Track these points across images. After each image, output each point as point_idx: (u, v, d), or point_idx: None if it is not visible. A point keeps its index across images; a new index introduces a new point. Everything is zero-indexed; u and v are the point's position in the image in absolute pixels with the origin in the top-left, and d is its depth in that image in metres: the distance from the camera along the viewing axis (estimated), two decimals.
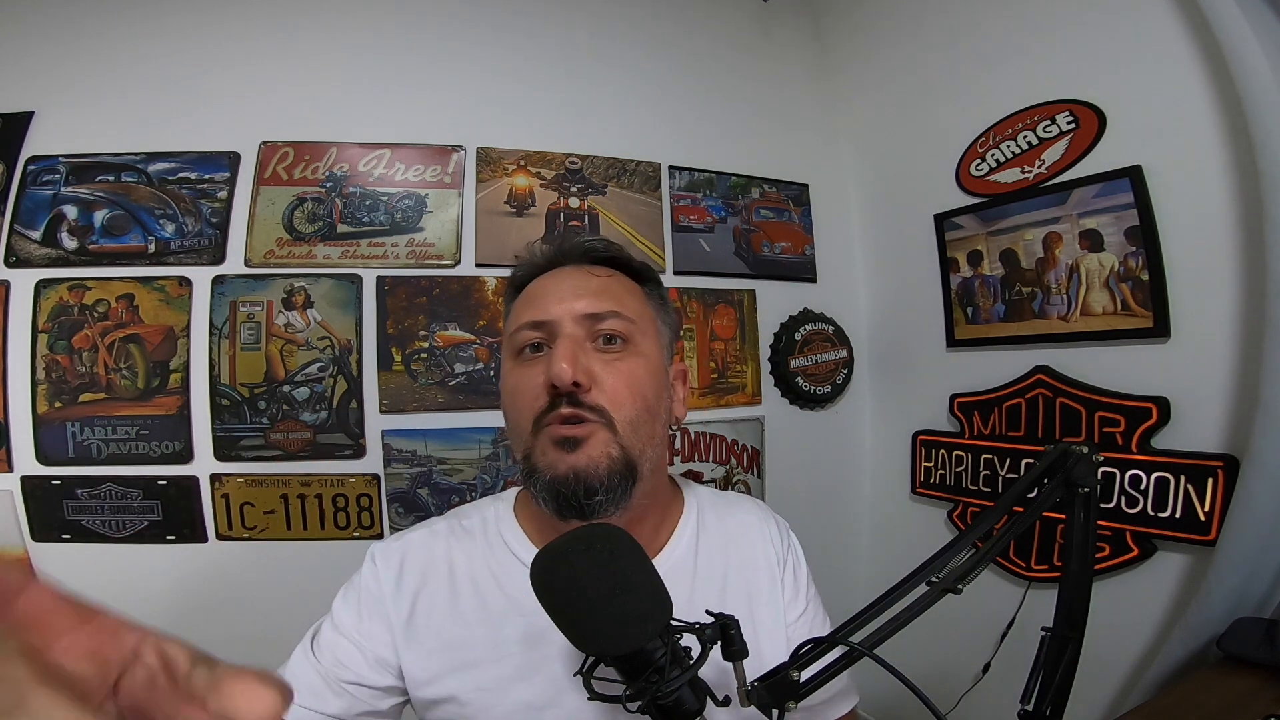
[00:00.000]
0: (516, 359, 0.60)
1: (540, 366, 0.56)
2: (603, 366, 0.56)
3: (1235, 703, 0.82)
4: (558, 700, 0.56)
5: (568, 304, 0.58)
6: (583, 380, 0.54)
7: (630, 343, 0.59)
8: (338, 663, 0.57)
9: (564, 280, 0.61)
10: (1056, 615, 0.64)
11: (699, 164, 1.79)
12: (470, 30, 1.67)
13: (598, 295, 0.59)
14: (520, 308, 0.62)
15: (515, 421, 0.58)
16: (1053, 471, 0.60)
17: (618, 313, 0.58)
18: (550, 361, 0.54)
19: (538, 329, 0.58)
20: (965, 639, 1.44)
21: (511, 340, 0.60)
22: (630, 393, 0.56)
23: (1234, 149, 1.05)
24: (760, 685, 0.47)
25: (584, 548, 0.42)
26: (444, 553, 0.63)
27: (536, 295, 0.61)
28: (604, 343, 0.58)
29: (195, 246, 1.46)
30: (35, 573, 0.23)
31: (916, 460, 1.71)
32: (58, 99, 1.44)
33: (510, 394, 0.59)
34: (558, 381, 0.53)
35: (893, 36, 1.77)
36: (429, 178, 1.59)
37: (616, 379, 0.56)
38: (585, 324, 0.57)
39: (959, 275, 1.58)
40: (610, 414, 0.55)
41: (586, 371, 0.55)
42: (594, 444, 0.54)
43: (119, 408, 1.40)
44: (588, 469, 0.53)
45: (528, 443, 0.56)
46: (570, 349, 0.55)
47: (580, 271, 0.61)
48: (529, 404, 0.56)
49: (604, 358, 0.57)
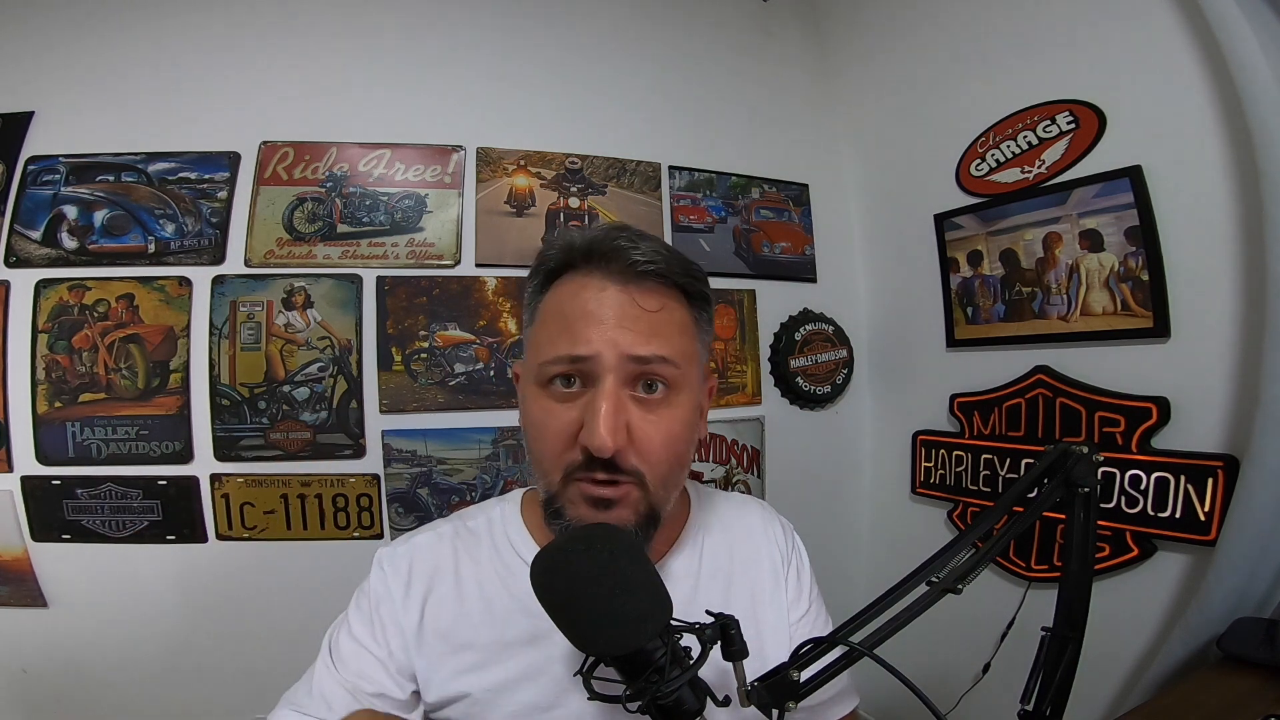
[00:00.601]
0: (544, 387, 0.54)
1: (574, 411, 0.52)
2: (640, 421, 0.52)
3: (1235, 703, 0.82)
4: (562, 701, 0.56)
5: (612, 339, 0.51)
6: (623, 444, 0.50)
7: (672, 389, 0.54)
8: (360, 674, 0.56)
9: (609, 305, 0.52)
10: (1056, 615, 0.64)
11: (699, 164, 1.79)
12: (470, 30, 1.67)
13: (648, 336, 0.52)
14: (552, 324, 0.54)
15: (539, 459, 0.54)
16: (1053, 471, 0.60)
17: (666, 359, 0.52)
18: (590, 423, 0.49)
19: (575, 364, 0.52)
20: (965, 639, 1.44)
21: (541, 369, 0.54)
22: (666, 451, 0.53)
23: (1234, 149, 1.05)
24: (760, 685, 0.47)
25: (584, 548, 0.42)
26: (450, 555, 0.62)
27: (573, 316, 0.53)
28: (644, 389, 0.53)
29: (195, 246, 1.46)
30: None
31: (916, 460, 1.71)
32: (58, 99, 1.45)
33: (537, 428, 0.54)
34: (598, 453, 0.49)
35: (893, 37, 1.77)
36: (429, 178, 1.59)
37: (654, 439, 0.52)
38: (630, 367, 0.52)
39: (959, 275, 1.58)
40: (644, 475, 0.52)
41: (625, 430, 0.50)
42: (625, 505, 0.52)
43: (119, 408, 1.40)
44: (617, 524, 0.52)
45: (554, 488, 0.53)
46: (613, 410, 0.49)
47: (626, 295, 0.53)
48: (559, 452, 0.52)
49: (642, 410, 0.52)
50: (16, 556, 1.36)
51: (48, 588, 1.38)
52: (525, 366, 0.57)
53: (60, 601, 1.39)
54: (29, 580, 1.37)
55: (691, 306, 0.58)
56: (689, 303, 0.57)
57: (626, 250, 0.53)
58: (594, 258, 0.54)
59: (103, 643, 1.39)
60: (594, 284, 0.53)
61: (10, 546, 1.36)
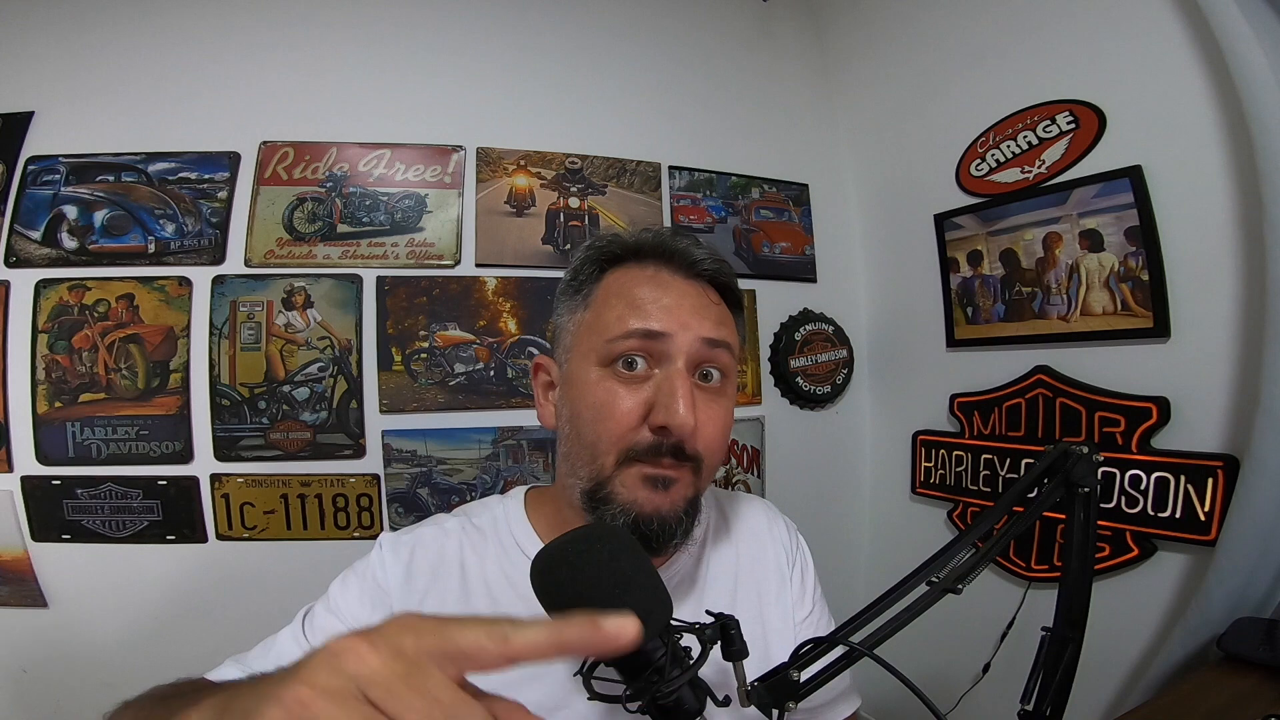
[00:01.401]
0: (607, 368, 0.54)
1: (644, 392, 0.52)
2: (704, 409, 0.53)
3: (1235, 703, 0.82)
4: (567, 701, 0.56)
5: (686, 322, 0.53)
6: (697, 426, 0.51)
7: (727, 379, 0.56)
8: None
9: (681, 295, 0.54)
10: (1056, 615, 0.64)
11: (699, 164, 1.79)
12: (470, 30, 1.67)
13: (717, 323, 0.55)
14: (619, 304, 0.55)
15: (596, 441, 0.53)
16: (1053, 471, 0.60)
17: (730, 346, 0.55)
18: (668, 402, 0.50)
19: (648, 339, 0.52)
20: (965, 639, 1.43)
21: (608, 345, 0.53)
22: (722, 440, 0.55)
23: (1234, 149, 1.05)
24: (760, 685, 0.47)
25: (584, 548, 0.42)
26: (455, 551, 0.62)
27: (643, 300, 0.54)
28: (701, 378, 0.54)
29: (195, 246, 1.46)
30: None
31: (916, 460, 1.71)
32: (58, 99, 1.44)
33: (599, 409, 0.53)
34: (679, 431, 0.50)
35: (893, 37, 1.77)
36: (429, 178, 1.58)
37: (715, 426, 0.54)
38: (702, 350, 0.53)
39: (959, 275, 1.58)
40: (702, 461, 0.54)
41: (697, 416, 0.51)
42: (680, 488, 0.53)
43: (119, 408, 1.40)
44: (671, 513, 0.53)
45: (606, 469, 0.53)
46: (690, 390, 0.51)
47: (695, 288, 0.56)
48: (622, 432, 0.52)
49: (705, 397, 0.54)
50: (16, 556, 1.36)
51: (48, 588, 1.38)
52: (578, 350, 0.57)
53: (60, 601, 1.39)
54: (29, 580, 1.37)
55: (734, 314, 0.61)
56: (730, 307, 0.61)
57: (691, 250, 0.57)
58: (658, 253, 0.57)
59: (103, 643, 1.39)
60: (663, 276, 0.56)
61: (10, 546, 1.36)
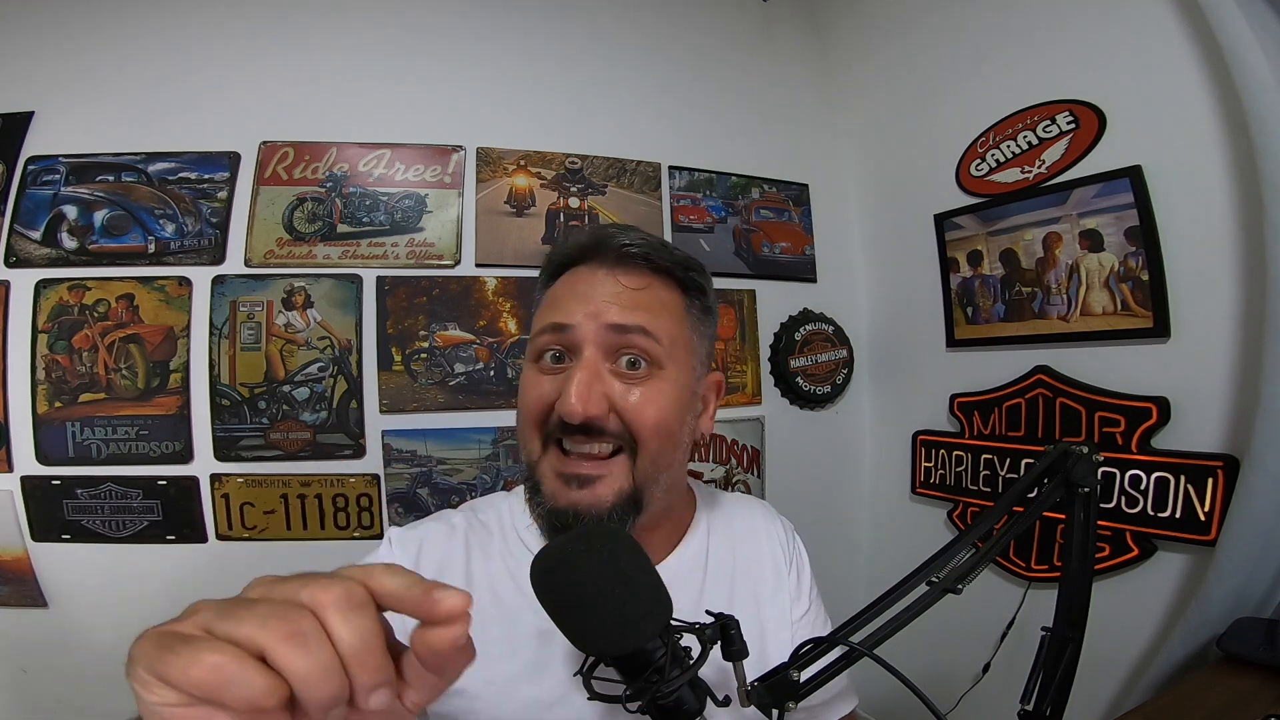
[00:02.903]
0: (536, 363, 0.58)
1: (556, 381, 0.54)
2: (623, 393, 0.54)
3: (1235, 703, 0.82)
4: (566, 698, 0.56)
5: (593, 312, 0.54)
6: (597, 412, 0.52)
7: (655, 366, 0.55)
8: None
9: (594, 285, 0.57)
10: (1056, 615, 0.64)
11: (699, 164, 1.79)
12: (470, 30, 1.67)
13: (628, 309, 0.55)
14: (546, 306, 0.60)
15: (522, 426, 0.58)
16: (1053, 471, 0.60)
17: (645, 330, 0.54)
18: (565, 389, 0.52)
19: (558, 333, 0.55)
20: (965, 639, 1.43)
21: (533, 342, 0.58)
22: (654, 422, 0.54)
23: (1234, 149, 1.05)
24: (760, 685, 0.47)
25: (584, 548, 0.42)
26: (461, 547, 0.62)
27: (562, 296, 0.58)
28: (627, 366, 0.55)
29: (195, 246, 1.46)
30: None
31: (916, 460, 1.71)
32: (58, 99, 1.44)
33: (521, 399, 0.58)
34: (567, 417, 0.51)
35: (893, 37, 1.77)
36: (429, 178, 1.58)
37: (640, 408, 0.54)
38: (609, 336, 0.54)
39: (959, 275, 1.58)
40: (635, 443, 0.54)
41: (603, 400, 0.53)
42: (605, 484, 0.54)
43: (119, 408, 1.40)
44: (591, 507, 0.53)
45: (534, 454, 0.57)
46: (587, 379, 0.52)
47: (611, 277, 0.57)
48: (535, 415, 0.55)
49: (624, 384, 0.54)
50: (16, 556, 1.36)
51: (48, 588, 1.38)
52: (527, 351, 0.60)
53: (60, 601, 1.39)
54: (29, 580, 1.37)
55: (685, 295, 0.60)
56: (683, 292, 0.60)
57: (615, 236, 0.58)
58: (590, 250, 0.59)
59: (103, 643, 1.39)
60: (585, 271, 0.59)
61: (10, 546, 1.36)
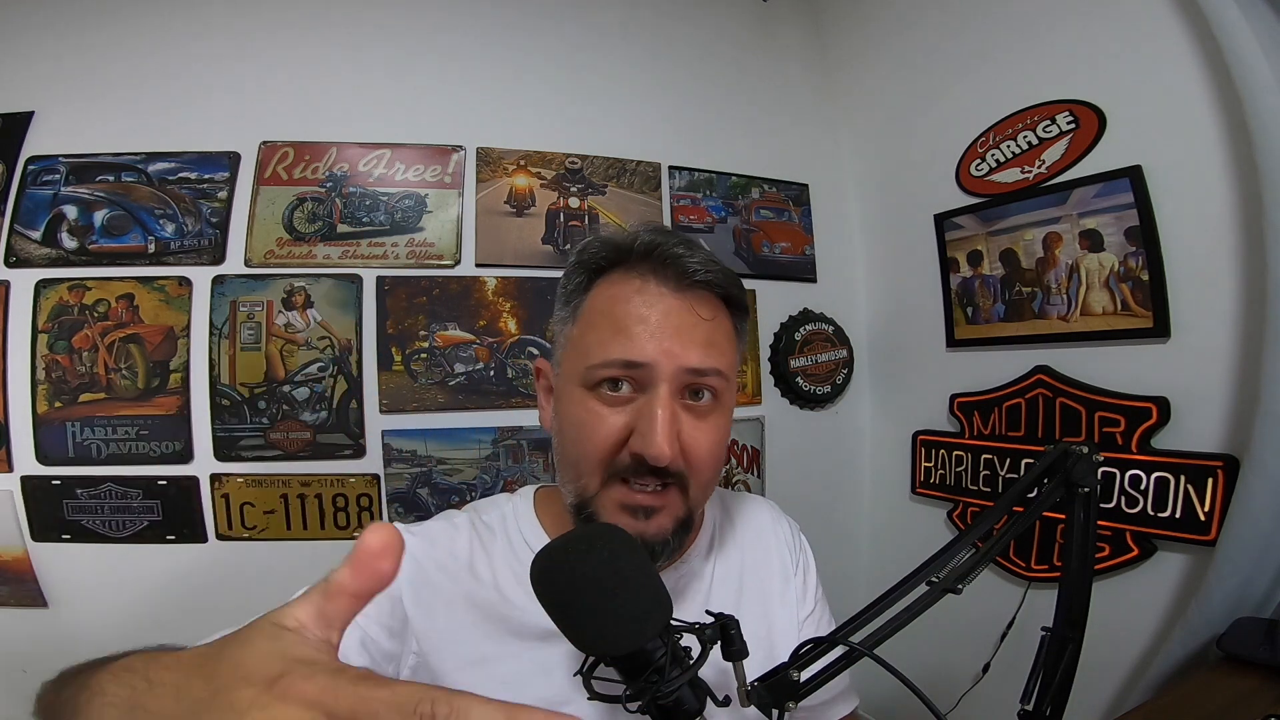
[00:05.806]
0: (590, 389, 0.53)
1: (623, 416, 0.51)
2: (691, 430, 0.52)
3: (1235, 703, 0.82)
4: (573, 698, 0.55)
5: (668, 349, 0.51)
6: (675, 453, 0.51)
7: (718, 398, 0.55)
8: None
9: (665, 313, 0.52)
10: (1056, 615, 0.64)
11: (699, 164, 1.79)
12: (470, 30, 1.67)
13: (705, 348, 0.52)
14: (603, 326, 0.53)
15: (577, 460, 0.54)
16: (1053, 471, 0.60)
17: (720, 372, 0.53)
18: (646, 430, 0.50)
19: (629, 369, 0.51)
20: (965, 639, 1.43)
21: (590, 372, 0.53)
22: (711, 458, 0.54)
23: (1234, 149, 1.05)
24: (760, 685, 0.47)
25: (585, 548, 0.42)
26: (465, 548, 0.62)
27: (627, 320, 0.52)
28: (691, 396, 0.53)
29: (195, 246, 1.46)
30: None
31: (916, 460, 1.71)
32: (58, 99, 1.44)
33: (580, 430, 0.53)
34: (654, 461, 0.49)
35: (893, 36, 1.77)
36: (429, 178, 1.58)
37: (702, 446, 0.53)
38: (686, 378, 0.52)
39: (959, 275, 1.58)
40: (688, 481, 0.54)
41: (677, 439, 0.51)
42: (665, 514, 0.53)
43: (119, 408, 1.40)
44: (655, 537, 0.53)
45: (589, 489, 0.54)
46: (669, 420, 0.50)
47: (683, 304, 0.53)
48: (603, 456, 0.52)
49: (692, 418, 0.53)
50: (16, 556, 1.36)
51: (48, 588, 1.38)
52: (565, 366, 0.57)
53: (60, 601, 1.39)
54: (29, 580, 1.36)
55: (734, 316, 0.58)
56: (731, 313, 0.58)
57: (683, 258, 0.53)
58: (639, 256, 0.54)
59: (103, 643, 1.38)
60: (650, 289, 0.53)
61: (10, 546, 1.36)
